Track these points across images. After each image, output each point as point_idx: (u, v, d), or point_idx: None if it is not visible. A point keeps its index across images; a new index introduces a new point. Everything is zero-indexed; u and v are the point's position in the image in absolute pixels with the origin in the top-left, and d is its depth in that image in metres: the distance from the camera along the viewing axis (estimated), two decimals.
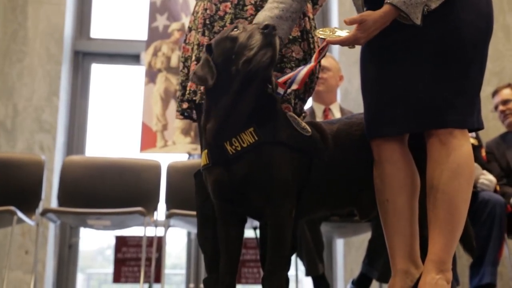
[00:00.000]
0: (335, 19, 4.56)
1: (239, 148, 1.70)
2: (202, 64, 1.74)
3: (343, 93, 4.27)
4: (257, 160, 1.70)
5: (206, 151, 1.77)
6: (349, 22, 1.71)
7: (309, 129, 1.83)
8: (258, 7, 1.93)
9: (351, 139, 1.91)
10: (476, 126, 1.80)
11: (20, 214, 3.23)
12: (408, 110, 1.77)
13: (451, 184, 1.72)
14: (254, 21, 1.83)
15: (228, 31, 1.76)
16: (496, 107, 3.81)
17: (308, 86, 2.01)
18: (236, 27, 1.75)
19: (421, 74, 1.76)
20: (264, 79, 1.77)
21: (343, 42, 1.74)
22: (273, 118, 1.77)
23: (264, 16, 1.82)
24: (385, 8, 1.70)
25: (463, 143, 1.75)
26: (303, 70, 1.78)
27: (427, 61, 1.76)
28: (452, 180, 1.72)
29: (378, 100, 1.85)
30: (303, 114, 2.03)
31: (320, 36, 1.77)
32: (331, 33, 1.76)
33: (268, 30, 1.68)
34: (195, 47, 1.96)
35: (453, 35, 1.74)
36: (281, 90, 1.82)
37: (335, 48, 4.33)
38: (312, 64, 1.79)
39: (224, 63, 1.71)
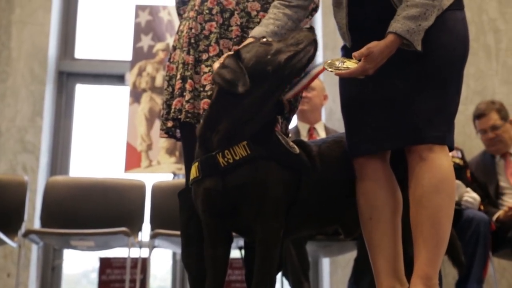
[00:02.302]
0: (319, 40, 4.59)
1: (231, 161, 1.69)
2: (228, 67, 1.69)
3: (328, 112, 4.30)
4: (251, 173, 1.69)
5: (196, 163, 1.76)
6: (358, 56, 1.73)
7: (297, 148, 1.84)
8: (244, 28, 1.94)
9: (335, 157, 1.91)
10: (452, 145, 1.82)
11: (1, 236, 3.19)
12: (388, 127, 1.79)
13: (433, 199, 1.73)
14: (250, 35, 1.85)
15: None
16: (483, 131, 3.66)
17: (293, 105, 2.02)
18: (263, 37, 1.78)
19: (401, 92, 1.78)
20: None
21: (352, 74, 1.75)
22: (267, 134, 1.77)
23: (259, 30, 1.84)
24: (390, 37, 1.71)
25: (443, 158, 1.77)
26: (299, 85, 1.82)
27: (406, 80, 1.78)
28: (434, 195, 1.73)
29: (358, 118, 1.86)
30: (290, 136, 2.04)
31: (328, 69, 1.76)
32: (339, 64, 1.77)
33: (312, 28, 1.74)
34: (180, 65, 1.96)
35: (432, 56, 1.77)
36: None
37: None
38: (305, 82, 1.83)
39: (256, 65, 1.69)
